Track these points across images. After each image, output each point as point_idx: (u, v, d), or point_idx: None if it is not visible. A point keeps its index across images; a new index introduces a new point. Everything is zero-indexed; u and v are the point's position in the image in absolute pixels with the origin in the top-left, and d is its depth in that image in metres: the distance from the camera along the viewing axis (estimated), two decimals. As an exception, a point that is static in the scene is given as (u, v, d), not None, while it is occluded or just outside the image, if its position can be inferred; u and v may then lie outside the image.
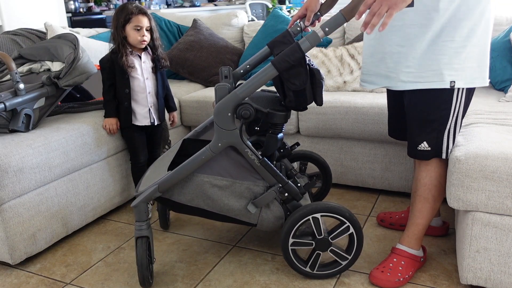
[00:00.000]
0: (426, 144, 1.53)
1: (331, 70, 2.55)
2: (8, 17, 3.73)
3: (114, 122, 2.10)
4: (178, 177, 1.56)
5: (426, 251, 1.72)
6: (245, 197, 1.59)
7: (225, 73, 1.58)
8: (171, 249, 1.91)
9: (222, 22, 3.23)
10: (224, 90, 1.51)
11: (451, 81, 1.44)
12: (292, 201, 1.61)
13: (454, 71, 1.44)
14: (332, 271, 1.63)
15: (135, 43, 2.03)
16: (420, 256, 1.66)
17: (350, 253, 1.61)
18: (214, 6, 6.66)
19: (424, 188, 1.58)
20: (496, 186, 1.38)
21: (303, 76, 1.47)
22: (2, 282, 1.75)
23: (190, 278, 1.71)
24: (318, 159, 2.08)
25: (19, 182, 1.74)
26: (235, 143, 1.53)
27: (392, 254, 1.66)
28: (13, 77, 1.86)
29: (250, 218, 1.61)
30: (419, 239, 1.64)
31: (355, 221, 1.57)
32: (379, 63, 1.56)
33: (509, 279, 1.44)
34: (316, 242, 1.59)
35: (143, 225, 1.60)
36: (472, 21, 1.41)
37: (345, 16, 1.38)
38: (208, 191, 1.58)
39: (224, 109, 1.49)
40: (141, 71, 2.07)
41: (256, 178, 1.58)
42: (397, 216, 1.99)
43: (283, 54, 1.43)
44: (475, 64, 1.45)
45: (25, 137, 1.84)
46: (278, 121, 1.57)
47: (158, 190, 1.57)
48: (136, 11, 1.99)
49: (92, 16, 6.32)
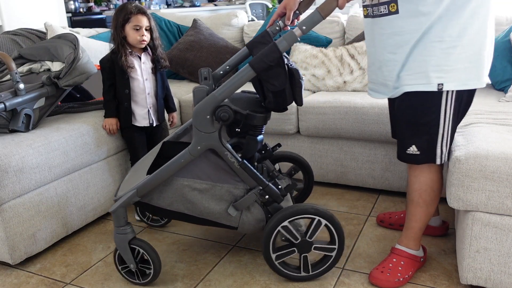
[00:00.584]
0: (415, 147, 1.50)
1: (331, 70, 2.55)
2: (8, 17, 3.73)
3: (114, 122, 2.10)
4: (157, 181, 1.54)
5: (426, 251, 1.72)
6: (226, 200, 1.57)
7: (205, 74, 1.56)
8: (171, 249, 1.91)
9: (222, 22, 3.23)
10: (202, 92, 1.49)
11: (439, 83, 1.40)
12: (273, 203, 1.59)
13: (443, 73, 1.40)
14: (326, 265, 1.63)
15: (135, 43, 2.03)
16: (420, 256, 1.65)
17: (334, 242, 1.59)
18: (214, 6, 6.66)
19: (415, 193, 1.57)
20: (496, 186, 1.38)
21: (282, 77, 1.46)
22: (2, 282, 1.75)
23: (190, 278, 1.71)
24: (299, 159, 2.06)
25: (19, 182, 1.74)
26: (214, 145, 1.51)
27: (391, 254, 1.66)
28: (13, 77, 1.86)
29: (231, 221, 1.59)
30: (416, 240, 1.64)
31: (322, 213, 1.55)
32: (377, 71, 1.55)
33: (509, 279, 1.44)
34: (297, 247, 1.58)
35: (127, 229, 1.59)
36: (462, 20, 1.36)
37: (321, 13, 1.37)
38: (188, 195, 1.56)
39: (203, 111, 1.48)
40: (141, 72, 2.07)
41: (236, 181, 1.56)
42: (396, 216, 1.98)
43: (260, 55, 1.42)
44: (468, 65, 1.40)
45: (25, 137, 1.84)
46: (258, 123, 1.55)
47: (137, 194, 1.55)
48: (135, 11, 1.98)
49: (92, 16, 6.32)
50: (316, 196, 2.35)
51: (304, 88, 2.65)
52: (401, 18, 1.40)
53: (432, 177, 1.54)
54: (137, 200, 1.57)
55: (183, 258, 1.84)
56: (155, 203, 1.58)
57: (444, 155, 1.50)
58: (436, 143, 1.48)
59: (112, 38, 2.05)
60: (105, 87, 2.06)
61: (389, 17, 1.43)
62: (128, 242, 1.60)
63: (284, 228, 1.55)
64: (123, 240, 1.60)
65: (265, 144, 1.86)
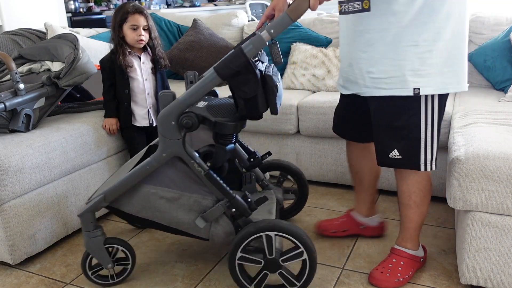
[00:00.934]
0: (397, 152, 1.47)
1: (331, 70, 2.55)
2: (8, 17, 3.73)
3: (114, 122, 2.10)
4: (123, 187, 1.50)
5: (426, 251, 1.72)
6: (194, 210, 1.50)
7: (191, 78, 1.50)
8: (171, 249, 1.91)
9: (222, 22, 3.23)
10: (168, 98, 1.43)
11: (415, 88, 1.39)
12: (241, 217, 1.50)
13: (419, 77, 1.38)
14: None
15: (132, 43, 2.02)
16: (420, 256, 1.65)
17: (300, 280, 1.49)
18: (214, 6, 6.66)
19: (404, 196, 1.57)
20: (496, 186, 1.38)
21: (252, 83, 1.38)
22: (2, 282, 1.75)
23: (190, 278, 1.71)
24: (291, 168, 1.98)
25: (19, 182, 1.74)
26: (180, 153, 1.46)
27: (391, 254, 1.66)
28: (13, 77, 1.86)
29: (200, 232, 1.52)
30: (414, 240, 1.63)
31: (310, 248, 1.46)
32: (348, 68, 1.54)
33: (509, 279, 1.44)
34: (265, 261, 1.48)
35: (98, 231, 1.56)
36: (437, 23, 1.34)
37: (290, 16, 1.32)
38: (155, 203, 1.51)
39: (167, 117, 1.42)
40: (141, 72, 2.07)
41: (205, 191, 1.50)
42: (337, 222, 1.93)
43: (225, 60, 1.36)
44: (445, 69, 1.38)
45: (25, 137, 1.84)
46: (226, 131, 1.47)
47: (104, 200, 1.51)
48: (132, 10, 1.98)
49: (92, 16, 6.32)
50: (316, 196, 2.35)
51: (304, 88, 2.64)
52: (372, 16, 1.39)
53: (419, 179, 1.53)
54: (106, 205, 1.53)
55: (183, 258, 1.84)
56: (125, 209, 1.54)
57: (429, 162, 1.47)
58: (419, 149, 1.45)
59: (111, 38, 2.05)
60: (105, 87, 2.06)
61: (361, 14, 1.42)
62: (103, 243, 1.58)
63: (267, 237, 1.45)
64: (98, 243, 1.57)
65: (254, 152, 1.81)
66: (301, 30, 2.81)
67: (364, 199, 1.87)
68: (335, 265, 1.74)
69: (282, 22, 1.33)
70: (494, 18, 2.42)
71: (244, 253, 1.49)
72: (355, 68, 1.50)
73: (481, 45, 2.40)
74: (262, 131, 2.48)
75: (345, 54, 1.55)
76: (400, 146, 1.47)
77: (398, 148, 1.47)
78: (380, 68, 1.42)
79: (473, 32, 2.47)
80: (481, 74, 2.41)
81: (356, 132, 1.72)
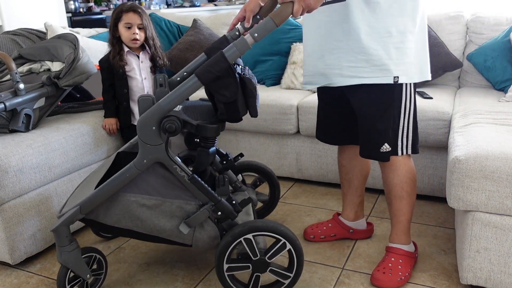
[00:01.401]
0: (388, 145, 1.53)
1: (331, 70, 2.55)
2: (8, 17, 3.73)
3: (114, 122, 2.10)
4: (101, 197, 1.44)
5: (417, 246, 1.73)
6: (177, 216, 1.47)
7: (160, 81, 1.46)
8: (171, 249, 1.91)
9: (222, 22, 3.23)
10: (148, 102, 1.38)
11: (395, 76, 1.45)
12: (226, 220, 1.49)
13: (396, 66, 1.45)
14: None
15: (127, 41, 2.03)
16: (414, 252, 1.68)
17: (291, 270, 1.49)
18: (214, 6, 6.65)
19: (396, 188, 1.60)
20: (496, 186, 1.38)
21: (232, 87, 1.38)
22: (2, 282, 1.75)
23: (190, 278, 1.71)
24: (264, 169, 1.98)
25: (19, 182, 1.74)
26: (162, 159, 1.42)
27: (388, 253, 1.66)
28: (13, 77, 1.86)
29: (183, 238, 1.49)
30: (407, 234, 1.66)
31: (291, 237, 1.45)
32: (317, 61, 1.55)
33: (509, 279, 1.44)
34: (252, 264, 1.47)
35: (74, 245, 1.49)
36: (405, 18, 1.43)
37: (274, 20, 1.30)
38: (136, 211, 1.46)
39: (148, 122, 1.38)
40: (139, 71, 2.07)
41: (188, 196, 1.47)
42: (325, 227, 1.92)
43: (206, 65, 1.34)
44: (414, 60, 1.47)
45: (25, 137, 1.84)
46: (209, 134, 1.46)
47: (80, 212, 1.44)
48: (126, 9, 1.99)
49: (92, 16, 6.33)
50: (316, 196, 2.36)
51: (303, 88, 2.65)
52: (347, 6, 1.43)
53: (408, 169, 1.58)
54: (82, 217, 1.47)
55: (183, 258, 1.84)
56: (102, 220, 1.48)
57: (405, 147, 1.55)
58: (397, 136, 1.53)
59: (108, 38, 2.07)
60: (104, 87, 2.07)
61: (336, 5, 1.45)
62: (81, 256, 1.52)
63: (247, 240, 1.44)
64: (76, 256, 1.50)
65: (226, 154, 1.80)
66: (301, 30, 2.81)
67: (352, 202, 1.86)
68: (335, 265, 1.74)
69: (266, 26, 1.31)
70: (494, 18, 2.42)
71: (230, 264, 1.48)
72: (328, 59, 1.51)
73: (481, 45, 2.40)
74: (262, 131, 2.48)
75: (315, 47, 1.56)
76: (389, 139, 1.52)
77: (388, 141, 1.53)
78: (361, 58, 1.45)
79: (473, 32, 2.47)
80: (481, 74, 2.41)
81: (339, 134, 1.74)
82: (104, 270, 1.63)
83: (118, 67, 2.01)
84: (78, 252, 1.51)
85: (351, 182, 1.83)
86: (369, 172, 1.85)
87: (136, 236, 1.54)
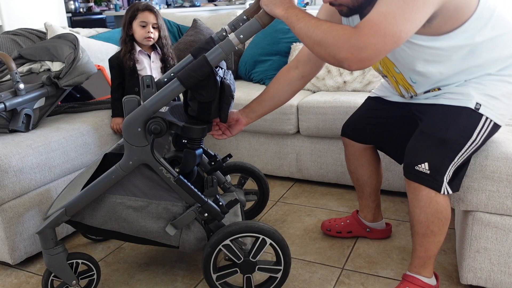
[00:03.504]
0: (427, 166, 1.33)
1: (331, 70, 2.55)
2: (8, 17, 3.73)
3: (121, 121, 2.09)
4: (87, 199, 1.43)
5: (439, 279, 1.54)
6: (164, 218, 1.47)
7: (147, 82, 1.44)
8: (171, 249, 1.91)
9: (222, 22, 3.23)
10: (133, 103, 1.38)
11: (477, 102, 1.32)
12: (213, 221, 1.48)
13: (484, 96, 1.32)
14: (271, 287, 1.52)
15: (141, 40, 2.04)
16: (434, 285, 1.48)
17: (280, 263, 1.48)
18: (214, 6, 6.65)
19: (421, 226, 1.40)
20: (496, 186, 1.38)
21: (211, 89, 1.37)
22: (2, 282, 1.75)
23: (190, 278, 1.71)
24: (252, 170, 1.97)
25: (19, 182, 1.74)
26: (148, 160, 1.41)
27: (404, 281, 1.49)
28: (13, 77, 1.86)
29: (170, 240, 1.49)
30: (428, 268, 1.47)
31: (267, 231, 1.44)
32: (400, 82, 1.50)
33: (509, 279, 1.44)
34: (239, 267, 1.47)
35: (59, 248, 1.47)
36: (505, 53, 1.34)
37: (260, 21, 1.30)
38: (122, 213, 1.46)
39: (133, 123, 1.37)
40: (150, 71, 2.08)
41: (174, 198, 1.47)
42: (342, 222, 1.92)
43: (189, 68, 1.34)
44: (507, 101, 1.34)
45: (25, 137, 1.84)
46: (195, 135, 1.44)
47: (66, 214, 1.44)
48: (142, 8, 2.01)
49: (92, 16, 6.33)
50: (316, 196, 2.36)
51: (304, 88, 2.64)
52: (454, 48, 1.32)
53: (439, 207, 1.36)
54: (67, 220, 1.47)
55: (183, 258, 1.84)
56: (88, 222, 1.48)
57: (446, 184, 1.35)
58: (447, 167, 1.34)
59: (120, 37, 2.08)
60: (113, 85, 2.08)
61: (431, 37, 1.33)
62: (66, 260, 1.50)
63: (226, 247, 1.44)
64: (60, 260, 1.48)
65: (215, 155, 1.80)
66: (301, 30, 2.81)
67: (367, 206, 1.84)
68: (335, 265, 1.74)
69: (251, 27, 1.31)
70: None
71: (218, 272, 1.48)
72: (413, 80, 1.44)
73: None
74: (262, 131, 2.48)
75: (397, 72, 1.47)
76: (433, 160, 1.33)
77: (430, 161, 1.33)
78: (447, 83, 1.37)
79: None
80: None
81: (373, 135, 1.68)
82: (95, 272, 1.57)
83: (128, 65, 2.02)
84: (63, 256, 1.49)
85: (363, 188, 1.81)
86: (381, 179, 1.82)
87: (123, 238, 1.53)
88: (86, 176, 1.57)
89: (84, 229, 1.55)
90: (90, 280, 1.59)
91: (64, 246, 1.51)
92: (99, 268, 1.60)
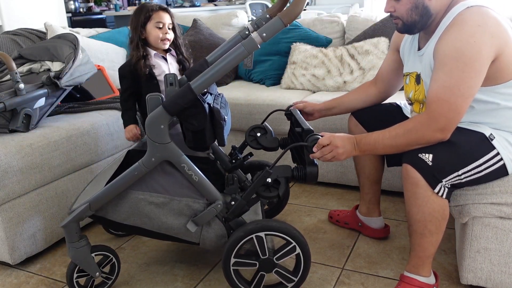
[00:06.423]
0: (431, 157, 1.31)
1: (331, 70, 2.55)
2: (8, 17, 3.73)
3: (133, 127, 1.88)
4: (110, 194, 1.46)
5: (439, 278, 1.53)
6: (185, 214, 1.48)
7: (170, 80, 1.44)
8: (171, 249, 1.91)
9: (222, 22, 3.23)
10: (157, 101, 1.40)
11: (491, 134, 1.36)
12: (234, 219, 1.50)
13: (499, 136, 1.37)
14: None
15: (156, 42, 1.84)
16: (432, 284, 1.47)
17: (296, 275, 1.49)
18: (214, 6, 6.66)
19: (419, 225, 1.39)
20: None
21: (201, 117, 1.40)
22: (2, 282, 1.75)
23: (190, 278, 1.71)
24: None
25: (19, 182, 1.74)
26: (170, 157, 1.44)
27: (401, 283, 1.48)
28: (13, 77, 1.86)
29: (191, 237, 1.51)
30: (426, 267, 1.46)
31: (302, 241, 1.45)
32: None
33: (509, 279, 1.44)
34: (259, 262, 1.47)
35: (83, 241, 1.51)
36: None
37: (283, 20, 1.28)
38: (144, 209, 1.48)
39: (156, 121, 1.39)
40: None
41: (196, 195, 1.49)
42: (344, 214, 2.02)
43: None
44: None
45: (25, 137, 1.84)
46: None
47: (90, 208, 1.47)
48: (156, 8, 1.84)
49: (92, 16, 6.33)
50: (316, 196, 2.36)
51: (304, 88, 2.65)
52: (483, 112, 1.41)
53: (437, 207, 1.35)
54: (91, 214, 1.50)
55: (183, 258, 1.84)
56: (111, 217, 1.50)
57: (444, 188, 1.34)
58: (449, 172, 1.33)
59: (130, 42, 1.86)
60: (124, 96, 1.86)
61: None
62: (90, 252, 1.54)
63: (258, 238, 1.44)
64: (85, 253, 1.52)
65: (236, 154, 1.80)
66: (301, 30, 2.81)
67: (362, 197, 1.89)
68: (335, 265, 1.74)
69: (274, 25, 1.30)
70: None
71: (238, 258, 1.48)
72: None
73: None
74: (262, 131, 2.47)
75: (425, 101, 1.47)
76: (439, 155, 1.32)
77: (435, 153, 1.32)
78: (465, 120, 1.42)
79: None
80: None
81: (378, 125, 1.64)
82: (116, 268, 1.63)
83: (143, 72, 1.80)
84: (87, 249, 1.53)
85: (359, 174, 1.86)
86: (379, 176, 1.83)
87: (144, 234, 1.56)
88: (109, 172, 1.61)
89: (107, 224, 1.59)
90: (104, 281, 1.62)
91: (87, 240, 1.54)
92: (119, 259, 1.63)
